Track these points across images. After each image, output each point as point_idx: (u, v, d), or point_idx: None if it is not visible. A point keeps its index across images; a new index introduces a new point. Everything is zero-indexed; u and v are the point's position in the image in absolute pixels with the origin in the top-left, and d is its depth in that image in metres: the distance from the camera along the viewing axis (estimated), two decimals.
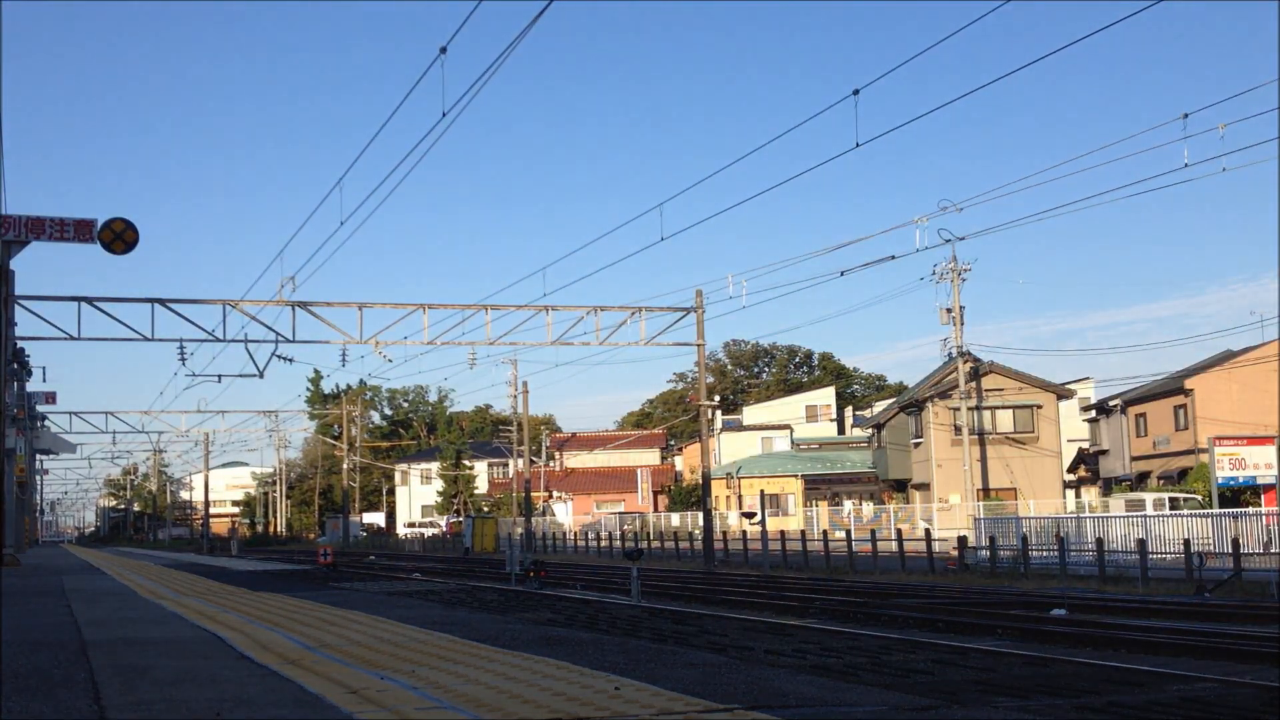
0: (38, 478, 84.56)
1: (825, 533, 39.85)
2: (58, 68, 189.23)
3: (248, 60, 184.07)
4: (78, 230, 27.87)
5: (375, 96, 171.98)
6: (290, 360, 37.96)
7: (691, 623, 13.38)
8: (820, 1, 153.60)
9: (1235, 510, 30.72)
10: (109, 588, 19.65)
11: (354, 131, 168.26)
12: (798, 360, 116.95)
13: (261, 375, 36.55)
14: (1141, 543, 24.86)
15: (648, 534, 60.18)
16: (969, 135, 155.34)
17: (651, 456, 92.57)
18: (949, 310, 47.03)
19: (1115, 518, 31.07)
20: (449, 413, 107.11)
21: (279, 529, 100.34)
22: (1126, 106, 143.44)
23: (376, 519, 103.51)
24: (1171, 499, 41.14)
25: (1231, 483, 41.56)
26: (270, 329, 34.91)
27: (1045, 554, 28.37)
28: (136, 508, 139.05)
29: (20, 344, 37.27)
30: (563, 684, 6.76)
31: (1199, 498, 42.57)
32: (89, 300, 32.66)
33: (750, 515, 43.86)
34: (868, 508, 57.57)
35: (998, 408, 53.16)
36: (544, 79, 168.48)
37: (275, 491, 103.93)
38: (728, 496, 67.69)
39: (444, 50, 18.63)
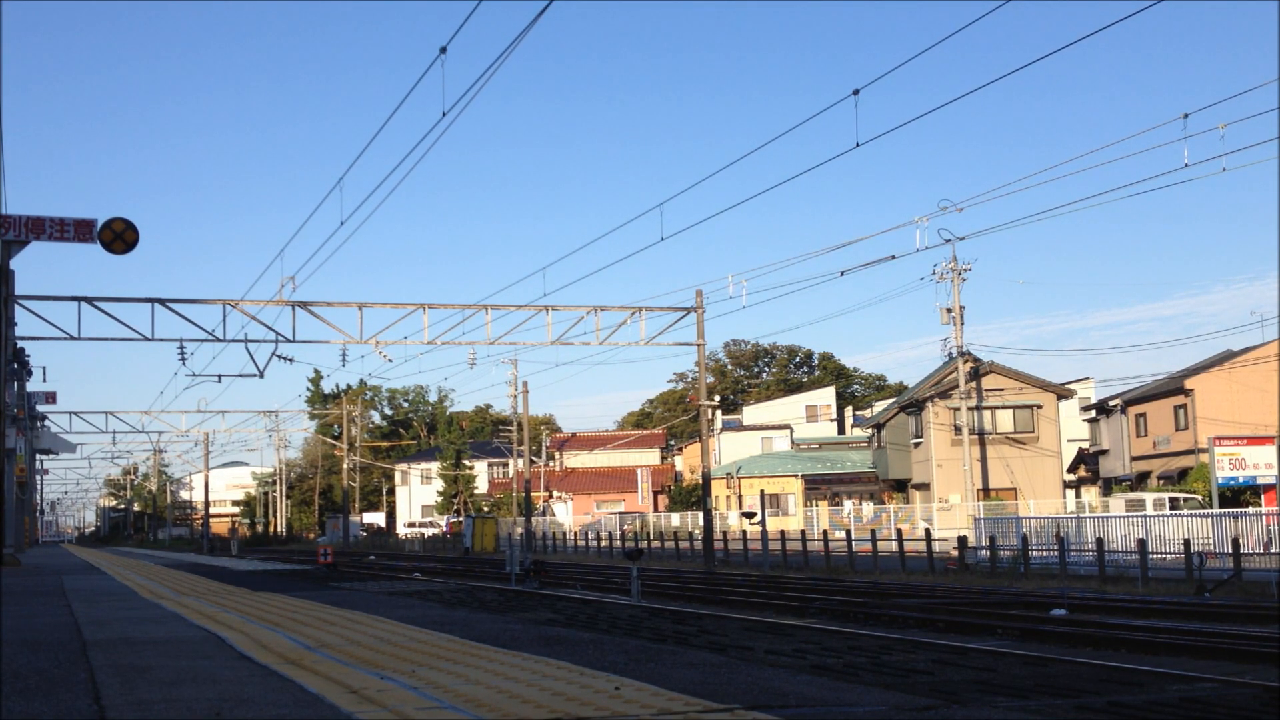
0: (38, 478, 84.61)
1: (825, 533, 39.85)
2: (58, 68, 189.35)
3: (248, 60, 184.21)
4: (78, 230, 27.91)
5: (375, 96, 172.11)
6: (290, 360, 38.05)
7: (691, 623, 13.37)
8: (820, 1, 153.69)
9: (1235, 510, 30.73)
10: (109, 588, 19.65)
11: (354, 131, 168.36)
12: (798, 360, 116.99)
13: (261, 375, 36.63)
14: (1141, 543, 24.86)
15: (648, 534, 60.20)
16: (969, 135, 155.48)
17: (651, 456, 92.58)
18: (949, 310, 47.06)
19: (1115, 518, 31.07)
20: (449, 413, 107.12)
21: (279, 529, 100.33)
22: (1126, 106, 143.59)
23: (376, 519, 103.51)
24: (1171, 499, 41.14)
25: (1231, 483, 41.57)
26: (270, 329, 34.99)
27: (1045, 554, 28.37)
28: (136, 508, 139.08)
29: (20, 344, 37.32)
30: (563, 684, 6.76)
31: (1199, 498, 42.58)
32: (89, 300, 32.67)
33: (750, 515, 43.90)
34: (868, 508, 57.58)
35: (998, 408, 53.17)
36: (544, 79, 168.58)
37: (275, 491, 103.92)
38: (728, 496, 67.71)
39: (444, 50, 18.66)
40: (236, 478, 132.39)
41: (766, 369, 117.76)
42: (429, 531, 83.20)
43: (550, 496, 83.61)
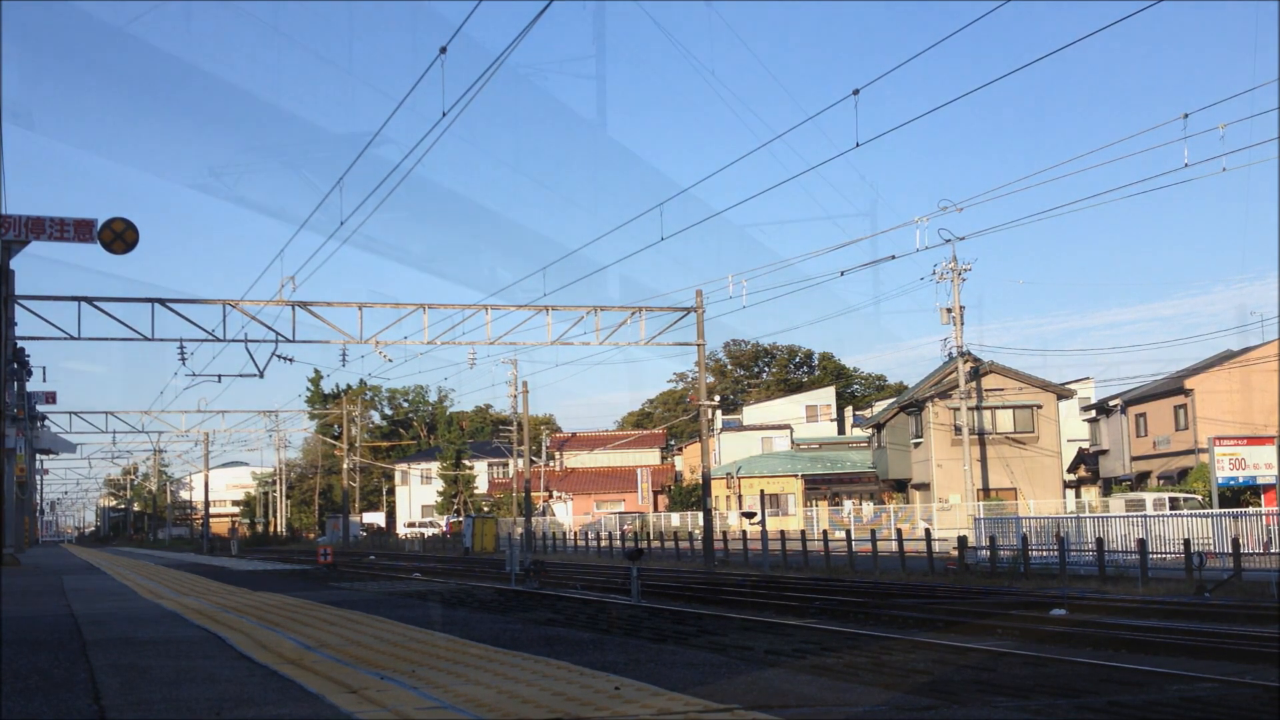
0: (38, 478, 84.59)
1: (825, 533, 39.84)
2: (57, 67, 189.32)
3: (247, 59, 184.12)
4: (78, 230, 27.92)
5: (375, 96, 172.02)
6: (290, 360, 38.00)
7: (691, 622, 13.37)
8: (820, 1, 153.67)
9: (1235, 510, 30.72)
10: (109, 587, 19.66)
11: (354, 131, 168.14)
12: (798, 360, 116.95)
13: (261, 375, 36.58)
14: (1141, 543, 24.86)
15: (648, 534, 60.20)
16: (969, 135, 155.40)
17: (651, 456, 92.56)
18: (949, 310, 47.04)
19: (1115, 518, 31.07)
20: (449, 413, 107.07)
21: (279, 529, 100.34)
22: (1126, 106, 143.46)
23: (376, 519, 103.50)
24: (1171, 499, 41.13)
25: (1231, 483, 41.55)
26: (270, 329, 34.94)
27: (1045, 554, 28.37)
28: (136, 508, 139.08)
29: (20, 344, 37.28)
30: (563, 684, 6.76)
31: (1199, 498, 42.56)
32: (89, 300, 32.65)
33: (750, 515, 43.86)
34: (868, 508, 57.56)
35: (998, 408, 53.16)
36: (543, 78, 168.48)
37: (275, 491, 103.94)
38: (728, 496, 67.69)
39: (444, 50, 18.66)
40: (236, 478, 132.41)
41: (766, 369, 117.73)
42: (429, 531, 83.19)
43: (550, 496, 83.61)
